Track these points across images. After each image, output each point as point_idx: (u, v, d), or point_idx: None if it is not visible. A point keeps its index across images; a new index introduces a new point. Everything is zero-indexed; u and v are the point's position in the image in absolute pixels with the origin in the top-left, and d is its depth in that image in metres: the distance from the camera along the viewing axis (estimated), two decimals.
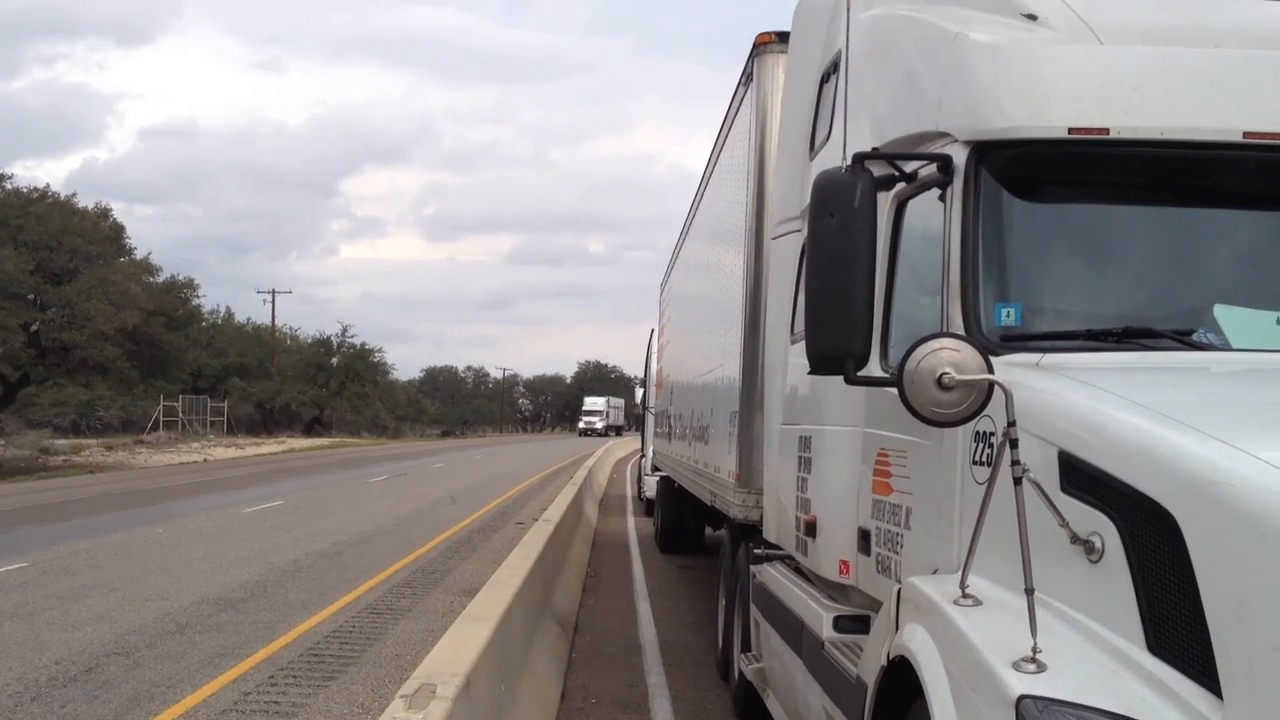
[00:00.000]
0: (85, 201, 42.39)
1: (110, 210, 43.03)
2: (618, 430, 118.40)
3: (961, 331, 4.27)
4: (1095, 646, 3.32)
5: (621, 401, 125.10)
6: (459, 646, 6.16)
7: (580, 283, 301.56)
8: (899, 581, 4.36)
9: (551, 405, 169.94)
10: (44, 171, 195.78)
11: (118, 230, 43.00)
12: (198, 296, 53.20)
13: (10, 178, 39.98)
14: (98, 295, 37.32)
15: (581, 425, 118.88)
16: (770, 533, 7.58)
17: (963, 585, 3.66)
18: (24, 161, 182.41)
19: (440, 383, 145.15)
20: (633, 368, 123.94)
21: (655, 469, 21.31)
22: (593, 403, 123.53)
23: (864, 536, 5.33)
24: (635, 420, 44.70)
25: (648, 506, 23.99)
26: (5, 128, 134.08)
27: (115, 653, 10.14)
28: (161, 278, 47.21)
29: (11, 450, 46.25)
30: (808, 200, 4.86)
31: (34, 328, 36.93)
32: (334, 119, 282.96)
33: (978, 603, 3.61)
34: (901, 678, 3.85)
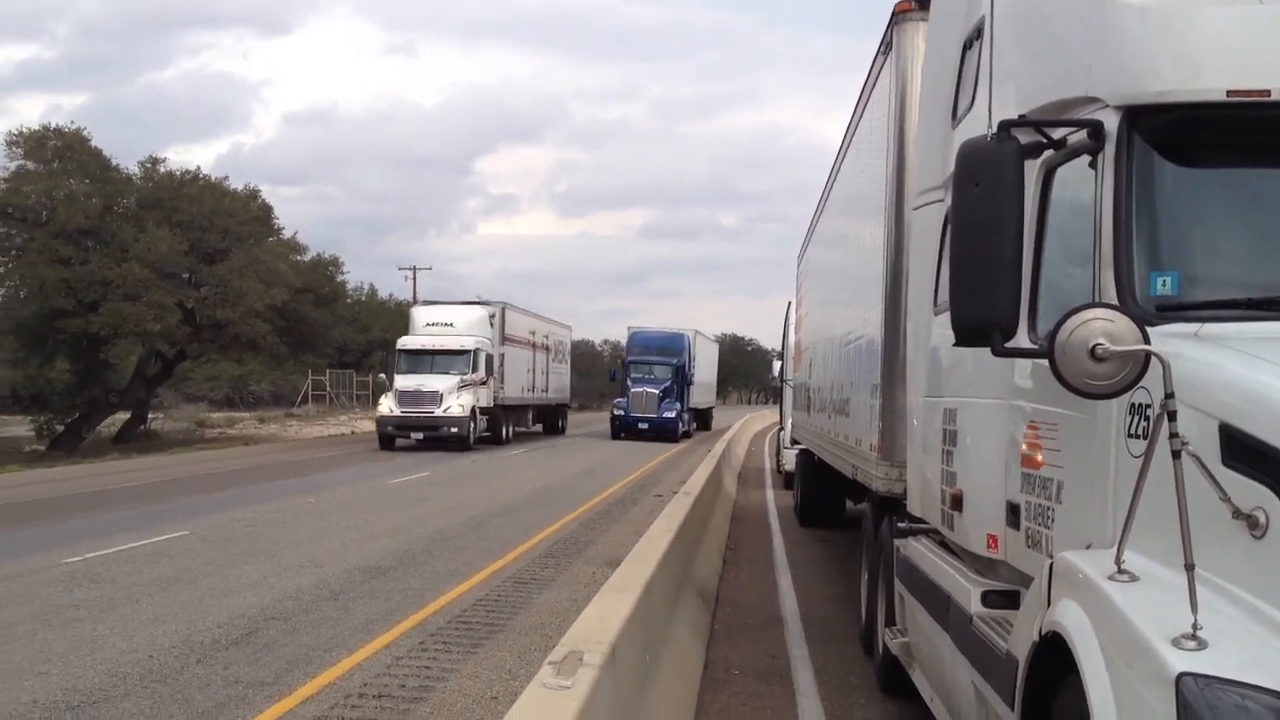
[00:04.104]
0: (235, 184, 43.80)
1: (259, 192, 44.34)
2: (558, 420, 50.82)
3: (1115, 301, 4.18)
4: (1259, 624, 3.23)
5: (567, 332, 55.43)
6: (604, 616, 6.24)
7: (713, 256, 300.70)
8: (1051, 556, 4.29)
9: None
10: (193, 156, 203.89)
11: (266, 211, 44.28)
12: (342, 274, 54.33)
13: (164, 162, 41.27)
14: (249, 273, 38.56)
15: (381, 412, 37.43)
16: (914, 506, 7.52)
17: (1118, 560, 3.60)
18: (175, 147, 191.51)
19: (576, 356, 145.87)
20: (769, 340, 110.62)
21: (794, 441, 21.24)
22: (438, 319, 39.47)
23: (1013, 510, 5.25)
24: (773, 393, 44.12)
25: (786, 479, 23.94)
26: (158, 115, 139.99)
27: (273, 617, 10.55)
28: (308, 256, 48.59)
29: (170, 423, 48.38)
30: (951, 169, 4.79)
31: (189, 305, 38.36)
32: (467, 100, 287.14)
33: (1134, 578, 3.55)
34: (1054, 654, 3.80)
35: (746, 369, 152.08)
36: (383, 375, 44.39)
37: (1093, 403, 4.07)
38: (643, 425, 45.65)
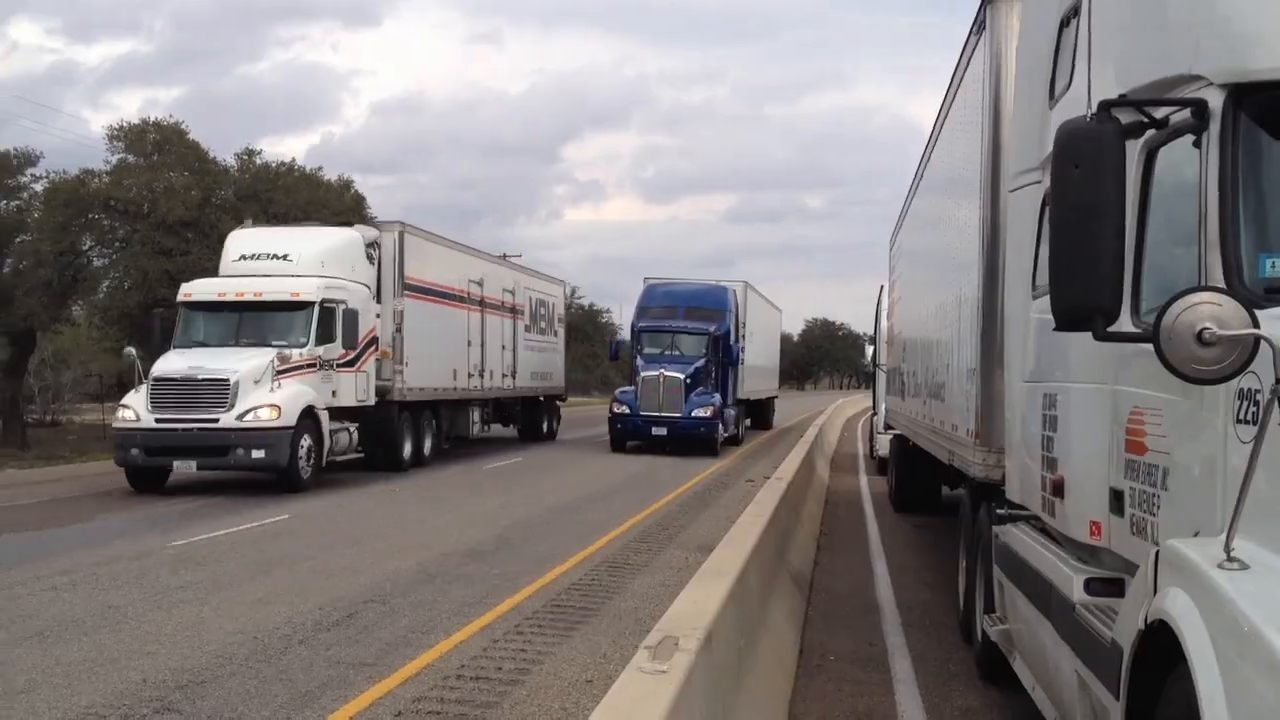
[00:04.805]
0: (327, 174, 44.29)
1: (352, 182, 44.90)
2: (541, 420, 35.78)
3: (1221, 284, 4.09)
4: None
5: (557, 289, 39.76)
6: (698, 601, 6.25)
7: (801, 239, 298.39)
8: (1157, 544, 4.22)
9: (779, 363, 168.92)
10: (286, 147, 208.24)
11: (359, 201, 44.81)
12: None
13: (259, 153, 42.10)
14: None
15: (122, 420, 19.70)
16: (1013, 492, 7.43)
17: (1228, 548, 3.52)
18: (269, 138, 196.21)
19: None
20: (860, 324, 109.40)
21: (888, 427, 21.08)
22: (262, 249, 22.11)
23: (1116, 497, 5.16)
24: (866, 378, 43.25)
25: (880, 465, 23.79)
26: (252, 107, 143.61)
27: (372, 600, 10.73)
28: None
29: None
30: (1049, 151, 4.71)
31: None
32: (552, 87, 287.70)
33: (1244, 566, 3.47)
34: (1160, 642, 3.74)
35: (838, 353, 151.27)
36: (131, 349, 22.24)
37: (1199, 388, 4.00)
38: (659, 430, 29.64)
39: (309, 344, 20.53)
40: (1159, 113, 4.62)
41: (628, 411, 30.21)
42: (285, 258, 21.81)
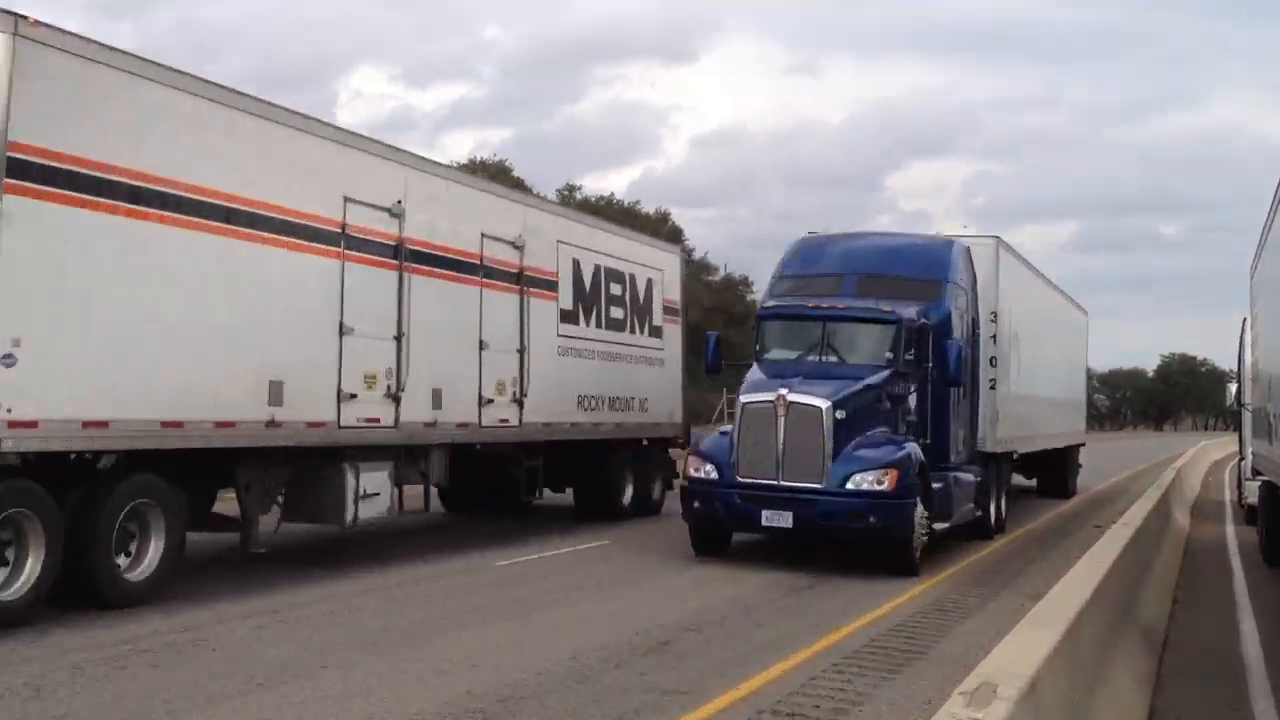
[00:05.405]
0: (646, 207, 45.60)
1: (669, 214, 46.07)
2: (619, 482, 19.42)
3: None
4: None
5: (671, 261, 22.07)
6: (1022, 648, 5.83)
7: (1153, 269, 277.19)
8: None
9: (1131, 401, 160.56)
10: (607, 183, 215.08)
11: (676, 233, 45.94)
12: (752, 293, 55.33)
13: (579, 188, 43.96)
14: None
15: None
16: None
17: None
18: (590, 174, 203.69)
19: None
20: (1224, 360, 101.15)
21: (1256, 472, 19.23)
22: None
23: None
24: (1231, 419, 39.38)
25: (1249, 514, 21.72)
26: (575, 145, 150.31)
27: (688, 628, 10.65)
28: (718, 276, 49.61)
29: None
30: None
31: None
32: (872, 115, 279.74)
33: None
34: None
35: (1199, 391, 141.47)
36: None
37: None
38: (776, 516, 14.13)
39: None
40: None
41: (715, 477, 14.74)
42: None
